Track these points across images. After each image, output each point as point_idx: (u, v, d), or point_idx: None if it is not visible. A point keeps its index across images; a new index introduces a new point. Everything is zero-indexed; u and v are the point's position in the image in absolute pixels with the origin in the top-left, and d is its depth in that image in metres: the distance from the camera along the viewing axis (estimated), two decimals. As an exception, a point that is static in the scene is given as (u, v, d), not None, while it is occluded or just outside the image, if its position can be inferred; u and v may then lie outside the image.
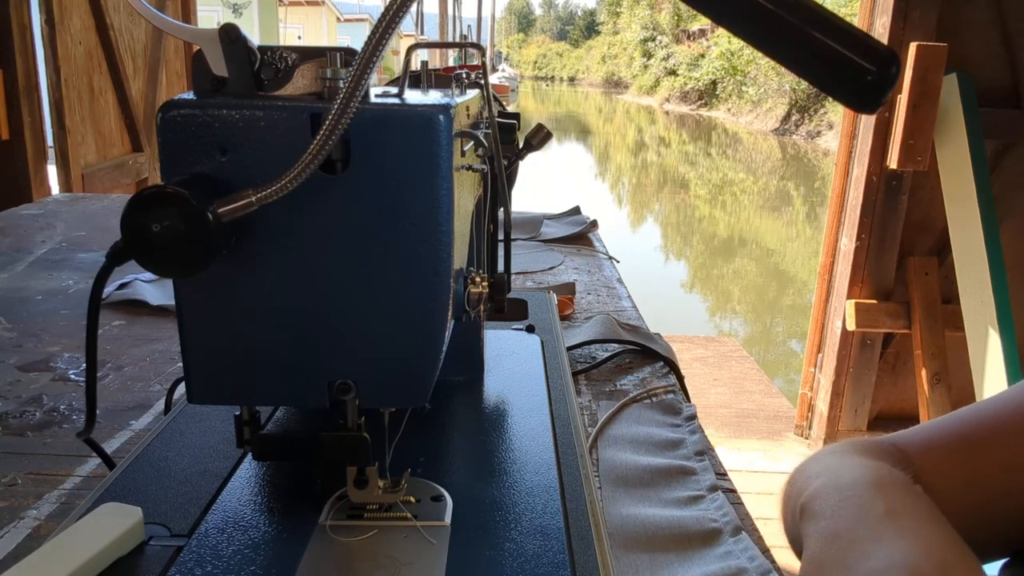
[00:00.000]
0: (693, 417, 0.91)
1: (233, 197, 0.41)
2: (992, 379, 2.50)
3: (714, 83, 23.41)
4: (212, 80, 0.45)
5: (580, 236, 1.81)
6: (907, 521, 0.40)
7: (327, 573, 0.50)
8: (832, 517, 0.41)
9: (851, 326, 2.73)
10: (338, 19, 27.18)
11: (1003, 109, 2.59)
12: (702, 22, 26.26)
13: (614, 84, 42.00)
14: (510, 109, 0.87)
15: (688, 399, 1.00)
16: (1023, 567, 0.52)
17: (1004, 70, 2.59)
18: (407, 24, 22.92)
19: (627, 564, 0.66)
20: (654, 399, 0.96)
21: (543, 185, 9.30)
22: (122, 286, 1.30)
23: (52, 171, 2.91)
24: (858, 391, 2.85)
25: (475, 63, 0.70)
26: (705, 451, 0.84)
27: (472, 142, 0.55)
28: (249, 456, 0.63)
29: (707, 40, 25.21)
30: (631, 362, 1.08)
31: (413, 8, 0.41)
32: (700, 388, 3.47)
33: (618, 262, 1.67)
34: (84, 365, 0.51)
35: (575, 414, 0.75)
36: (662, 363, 1.08)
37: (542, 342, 0.92)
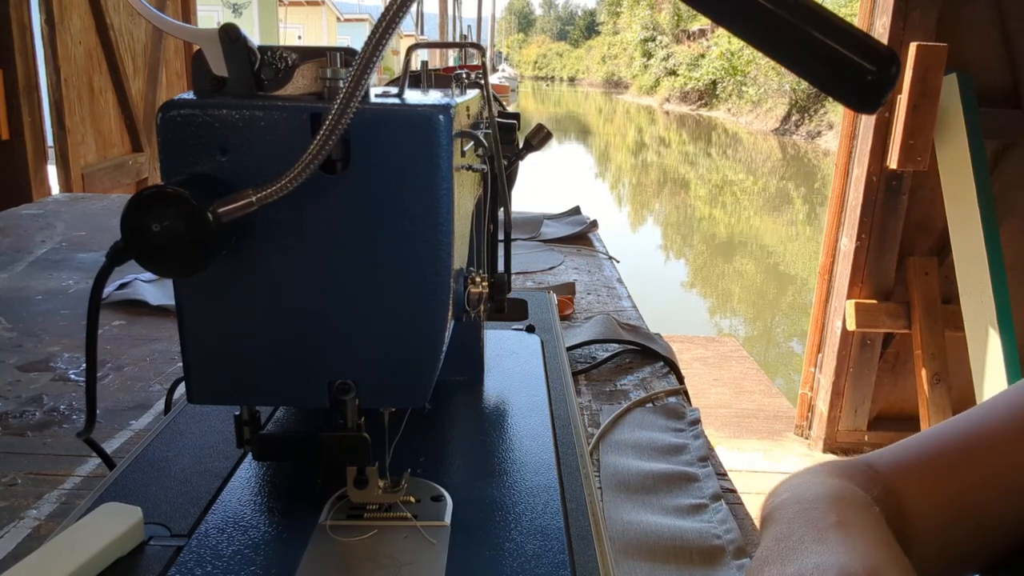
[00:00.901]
0: (697, 422, 0.91)
1: (233, 197, 0.41)
2: (992, 379, 2.50)
3: (714, 83, 23.40)
4: (212, 80, 0.45)
5: (580, 236, 1.81)
6: (853, 531, 0.42)
7: (327, 573, 0.50)
8: (786, 523, 0.44)
9: (851, 326, 2.73)
10: (338, 19, 27.19)
11: (1003, 109, 2.59)
12: (702, 22, 26.27)
13: (614, 84, 41.99)
14: (510, 109, 0.87)
15: (688, 400, 1.00)
16: None
17: (1004, 70, 2.59)
18: (407, 24, 22.92)
19: (626, 570, 0.65)
20: (657, 403, 0.96)
21: (543, 185, 9.29)
22: (122, 286, 1.30)
23: (52, 171, 2.91)
24: (858, 391, 2.85)
25: (475, 63, 0.70)
26: (708, 456, 0.84)
27: (472, 142, 0.55)
28: (249, 456, 0.63)
29: (707, 40, 25.21)
30: (631, 362, 1.08)
31: (413, 8, 0.41)
32: (700, 388, 3.47)
33: (618, 262, 1.67)
34: (84, 365, 0.51)
35: (575, 414, 0.75)
36: (662, 363, 1.08)
37: (542, 342, 0.92)
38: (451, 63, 16.12)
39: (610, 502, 0.74)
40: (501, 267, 0.75)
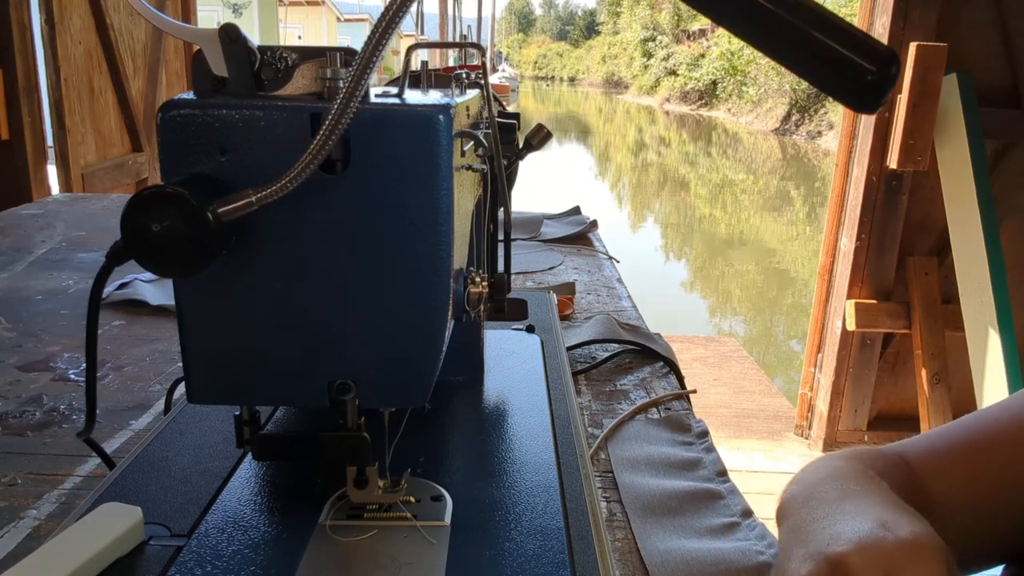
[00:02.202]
0: (705, 434, 0.90)
1: (233, 197, 0.41)
2: (992, 379, 2.50)
3: (714, 83, 23.40)
4: (212, 80, 0.45)
5: (580, 236, 1.81)
6: (858, 500, 0.44)
7: (327, 573, 0.50)
8: (796, 513, 0.46)
9: (851, 326, 2.73)
10: (338, 19, 27.18)
11: (1003, 109, 2.59)
12: (702, 22, 26.26)
13: (614, 84, 41.97)
14: (510, 109, 0.87)
15: (689, 403, 0.99)
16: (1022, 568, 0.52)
17: (1004, 70, 2.59)
18: (407, 24, 22.92)
19: None
20: (660, 407, 0.95)
21: (543, 185, 9.29)
22: (122, 286, 1.30)
23: (52, 171, 2.91)
24: (858, 391, 2.85)
25: (475, 63, 0.70)
26: (726, 471, 0.82)
27: (472, 142, 0.55)
28: (249, 456, 0.63)
29: (707, 40, 25.20)
30: (631, 362, 1.08)
31: (413, 8, 0.41)
32: (700, 388, 3.46)
33: (618, 262, 1.67)
34: (84, 365, 0.51)
35: (575, 414, 0.75)
36: (662, 363, 1.08)
37: (542, 342, 0.92)
38: (451, 63, 16.12)
39: (640, 530, 0.71)
40: (501, 267, 0.75)
